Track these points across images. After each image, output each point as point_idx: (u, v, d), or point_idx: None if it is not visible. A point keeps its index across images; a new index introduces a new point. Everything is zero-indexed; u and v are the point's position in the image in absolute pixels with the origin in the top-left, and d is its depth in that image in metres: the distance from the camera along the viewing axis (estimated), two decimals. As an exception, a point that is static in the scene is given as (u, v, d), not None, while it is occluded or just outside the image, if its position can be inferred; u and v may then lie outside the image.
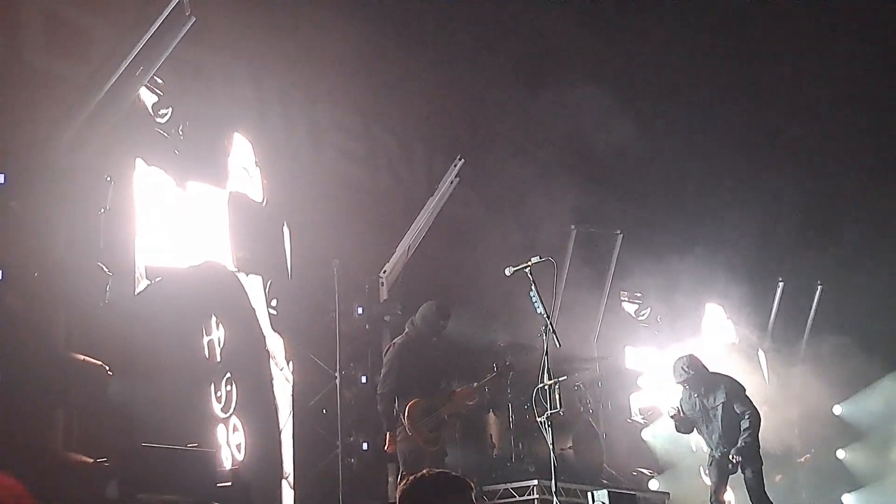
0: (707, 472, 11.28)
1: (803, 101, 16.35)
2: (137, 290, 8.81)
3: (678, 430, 11.49)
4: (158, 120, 9.29)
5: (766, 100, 16.28)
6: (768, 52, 16.09)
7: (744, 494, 11.16)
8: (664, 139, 14.68)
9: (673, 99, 15.34)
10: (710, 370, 11.48)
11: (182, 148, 9.42)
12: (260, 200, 10.56)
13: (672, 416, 11.33)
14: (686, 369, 11.27)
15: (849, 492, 17.40)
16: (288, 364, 10.60)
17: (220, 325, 9.67)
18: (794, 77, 16.22)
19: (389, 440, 10.66)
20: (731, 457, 10.98)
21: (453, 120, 14.10)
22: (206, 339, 9.58)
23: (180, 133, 9.42)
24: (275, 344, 10.44)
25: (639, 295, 16.10)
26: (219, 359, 9.63)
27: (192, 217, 9.52)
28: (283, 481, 10.31)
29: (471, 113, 14.21)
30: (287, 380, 10.57)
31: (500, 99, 14.30)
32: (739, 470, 11.02)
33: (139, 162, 9.03)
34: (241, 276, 10.09)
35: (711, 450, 11.21)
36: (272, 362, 10.35)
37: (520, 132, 14.38)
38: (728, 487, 11.36)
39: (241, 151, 10.43)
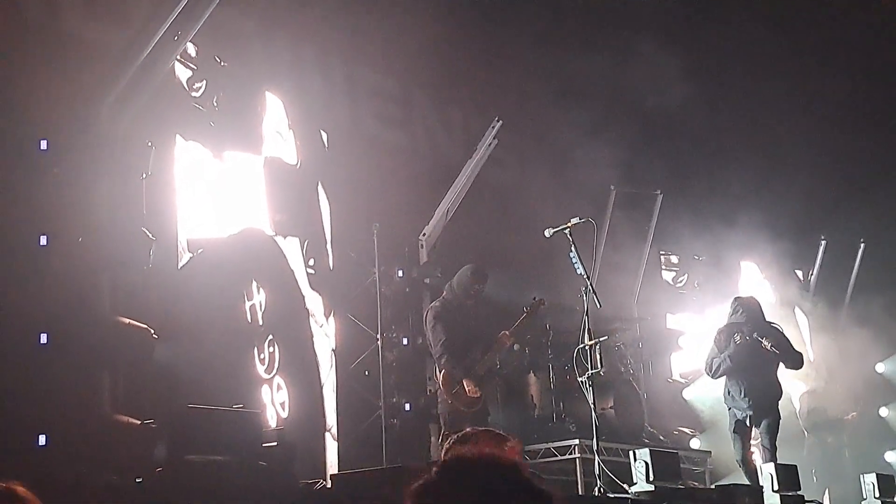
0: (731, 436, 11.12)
1: (847, 65, 16.14)
2: (181, 264, 8.91)
3: (710, 367, 11.24)
4: (194, 94, 9.36)
5: (812, 64, 16.07)
6: (826, 13, 15.85)
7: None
8: (707, 99, 14.53)
9: (718, 57, 15.17)
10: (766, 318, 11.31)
11: (217, 119, 9.48)
12: (294, 163, 10.61)
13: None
14: (740, 309, 11.13)
15: (891, 449, 17.31)
16: (327, 320, 10.70)
17: (261, 290, 9.77)
18: (841, 39, 15.99)
19: (468, 385, 10.70)
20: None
21: (491, 81, 14.03)
22: (248, 304, 9.69)
23: (215, 104, 9.49)
24: (314, 302, 10.55)
25: (675, 262, 16.04)
26: (261, 322, 9.74)
27: (230, 186, 9.61)
28: (327, 434, 10.46)
29: (508, 74, 14.13)
30: (327, 335, 10.69)
31: (539, 59, 14.20)
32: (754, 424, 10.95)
33: (178, 138, 9.12)
34: (279, 239, 10.17)
35: (736, 408, 11.04)
36: (311, 320, 10.47)
37: (559, 92, 14.28)
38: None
39: (274, 114, 10.46)
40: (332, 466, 10.53)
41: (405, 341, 12.55)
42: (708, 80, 14.48)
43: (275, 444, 7.26)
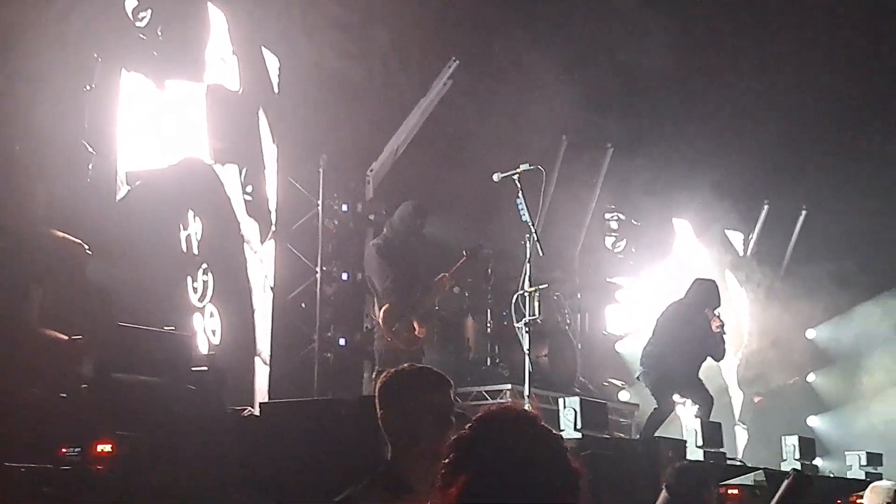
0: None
1: (799, 31, 16.19)
2: (119, 197, 8.78)
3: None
4: (138, 24, 9.15)
5: (766, 29, 16.11)
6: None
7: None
8: (670, 60, 14.48)
9: (686, 23, 15.11)
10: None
11: (160, 48, 9.29)
12: (236, 89, 10.45)
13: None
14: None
15: (815, 414, 17.65)
16: (262, 244, 10.65)
17: (197, 218, 9.69)
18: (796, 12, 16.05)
19: (417, 324, 10.75)
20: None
21: (452, 21, 13.87)
22: (183, 234, 9.62)
23: (159, 34, 9.29)
24: (249, 229, 10.49)
25: (615, 227, 16.06)
26: (196, 251, 9.69)
27: (172, 116, 9.48)
28: (257, 358, 10.46)
29: (469, 14, 13.98)
30: (262, 261, 10.64)
31: (502, 3, 14.07)
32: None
33: (122, 70, 8.94)
34: (218, 167, 10.07)
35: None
36: (246, 246, 10.41)
37: (520, 37, 14.16)
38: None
39: (218, 39, 10.26)
40: (263, 394, 10.51)
41: (345, 276, 12.51)
42: (674, 43, 14.40)
43: (205, 368, 7.20)
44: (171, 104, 9.44)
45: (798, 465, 10.98)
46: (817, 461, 12.01)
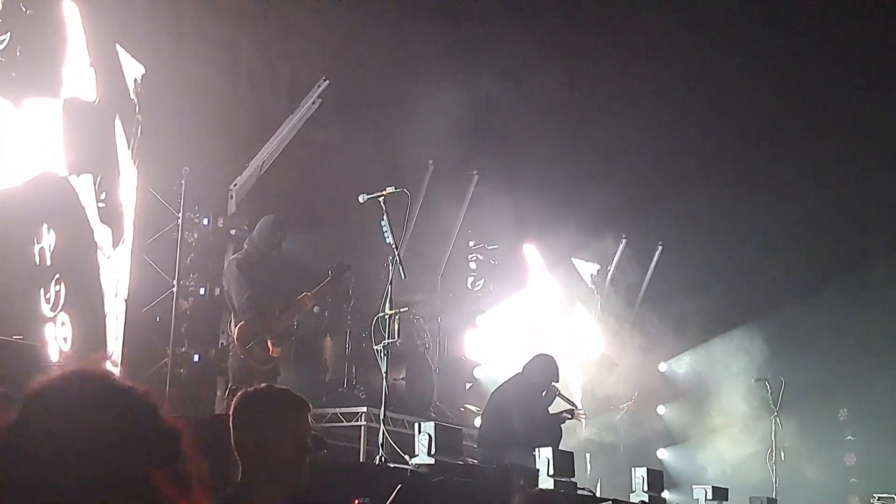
0: None
1: (661, 70, 16.67)
2: None
3: None
4: None
5: (629, 65, 16.54)
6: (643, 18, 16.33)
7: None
8: (535, 89, 14.74)
9: (550, 50, 15.39)
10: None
11: (19, 69, 9.05)
12: (93, 100, 10.23)
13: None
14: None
15: (664, 446, 18.06)
16: (115, 249, 10.45)
17: (51, 230, 9.46)
18: (654, 43, 16.52)
19: (272, 342, 10.67)
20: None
21: (322, 40, 13.85)
22: (36, 248, 9.36)
23: (17, 54, 9.05)
24: (102, 235, 10.28)
25: (473, 268, 16.20)
26: (49, 262, 9.45)
27: (28, 134, 9.23)
28: (108, 362, 10.24)
29: (341, 35, 13.98)
30: (115, 267, 10.43)
31: (372, 24, 14.10)
32: None
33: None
34: (73, 178, 9.85)
35: None
36: (99, 253, 10.20)
37: (390, 60, 14.22)
38: None
39: (75, 51, 10.02)
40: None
41: (202, 291, 12.30)
42: (543, 76, 14.67)
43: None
44: (27, 122, 9.23)
45: (646, 497, 11.20)
46: (665, 493, 12.24)
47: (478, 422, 14.38)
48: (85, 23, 9.82)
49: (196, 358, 12.04)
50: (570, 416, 11.53)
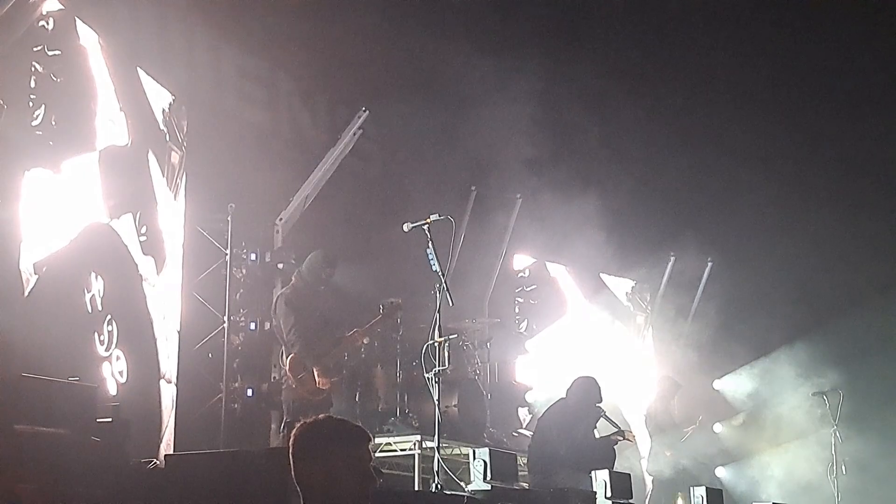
0: None
1: (706, 82, 16.61)
2: (27, 291, 8.62)
3: None
4: (34, 123, 9.04)
5: (673, 77, 16.50)
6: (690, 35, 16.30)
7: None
8: (572, 105, 14.71)
9: (587, 67, 15.37)
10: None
11: (56, 137, 9.18)
12: (125, 143, 10.34)
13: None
14: None
15: (722, 465, 17.87)
16: (159, 274, 10.59)
17: (99, 277, 9.60)
18: (700, 60, 16.47)
19: (319, 374, 10.70)
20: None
21: (360, 71, 13.93)
22: (87, 297, 9.51)
23: (53, 123, 9.19)
24: (146, 266, 10.43)
25: (517, 309, 16.11)
26: (100, 307, 9.59)
27: (69, 194, 9.35)
28: (162, 381, 10.41)
29: (379, 65, 14.06)
30: (161, 293, 10.61)
31: (410, 53, 14.16)
32: None
33: (25, 174, 8.84)
34: (114, 222, 9.98)
35: None
36: (145, 284, 10.34)
37: (427, 88, 14.27)
38: None
39: (105, 101, 10.14)
40: (169, 446, 10.34)
41: (252, 326, 12.37)
42: (583, 94, 14.65)
43: (109, 419, 7.05)
44: (68, 184, 9.36)
45: (706, 517, 11.08)
46: (725, 512, 12.11)
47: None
48: (108, 60, 9.92)
49: (249, 392, 12.10)
50: (621, 438, 11.39)
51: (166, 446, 10.34)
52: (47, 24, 8.94)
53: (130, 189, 10.32)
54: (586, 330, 16.66)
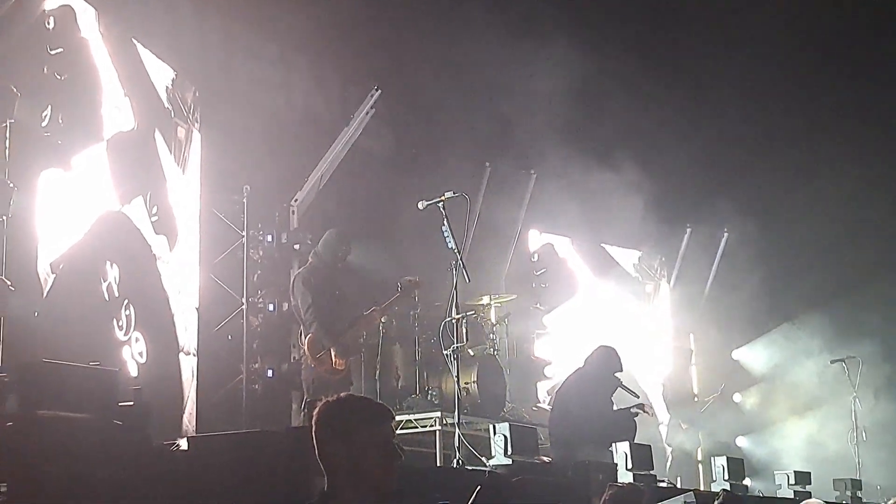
0: None
1: (721, 53, 16.52)
2: (45, 292, 8.67)
3: None
4: (43, 125, 9.04)
5: (689, 51, 16.43)
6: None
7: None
8: (588, 84, 14.64)
9: (605, 44, 15.31)
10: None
11: (64, 136, 9.19)
12: (131, 127, 10.35)
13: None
14: None
15: (742, 434, 17.89)
16: (171, 251, 10.65)
17: (114, 265, 9.65)
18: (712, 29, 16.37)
19: (335, 354, 10.71)
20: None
21: (371, 50, 13.93)
22: (104, 285, 9.56)
23: (60, 122, 9.19)
24: (159, 245, 10.51)
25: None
26: (117, 294, 9.65)
27: (81, 187, 9.37)
28: (181, 354, 10.58)
29: (390, 43, 14.04)
30: (175, 270, 10.74)
31: (421, 30, 14.14)
32: None
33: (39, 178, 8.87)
34: (126, 207, 10.02)
35: None
36: (159, 262, 10.43)
37: (439, 66, 14.24)
38: None
39: (110, 88, 10.13)
40: (192, 418, 10.46)
41: (271, 307, 12.43)
42: (595, 65, 14.57)
43: (131, 403, 7.09)
44: (78, 179, 9.38)
45: (727, 486, 11.09)
46: (746, 481, 12.13)
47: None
48: (109, 46, 9.89)
49: (270, 373, 12.18)
50: (640, 411, 11.38)
51: (189, 417, 10.45)
52: (48, 23, 8.92)
53: (139, 172, 10.35)
54: (600, 304, 16.66)
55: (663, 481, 11.08)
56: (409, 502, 4.96)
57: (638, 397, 11.52)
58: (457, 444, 9.47)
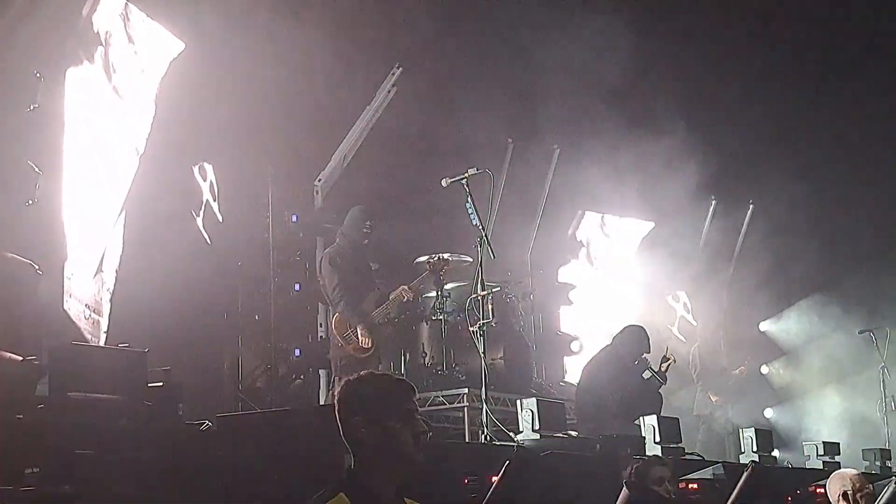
0: None
1: (745, 31, 16.41)
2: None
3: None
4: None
5: (713, 30, 16.31)
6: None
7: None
8: (608, 52, 14.55)
9: (624, 21, 15.22)
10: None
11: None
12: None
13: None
14: None
15: (770, 406, 17.86)
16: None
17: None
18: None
19: (362, 332, 10.77)
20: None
21: (392, 27, 13.89)
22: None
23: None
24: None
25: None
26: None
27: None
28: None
29: (410, 21, 14.00)
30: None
31: (442, 6, 14.09)
32: None
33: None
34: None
35: None
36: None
37: (461, 42, 14.20)
38: None
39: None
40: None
41: (297, 287, 12.48)
42: (620, 44, 14.48)
43: (160, 384, 7.15)
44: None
45: (756, 458, 11.08)
46: (775, 453, 12.13)
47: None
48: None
49: (297, 352, 12.24)
50: (662, 381, 11.41)
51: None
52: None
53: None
54: (625, 277, 16.66)
55: (691, 454, 11.08)
56: (433, 479, 4.98)
57: (665, 382, 11.51)
58: (484, 419, 9.50)
